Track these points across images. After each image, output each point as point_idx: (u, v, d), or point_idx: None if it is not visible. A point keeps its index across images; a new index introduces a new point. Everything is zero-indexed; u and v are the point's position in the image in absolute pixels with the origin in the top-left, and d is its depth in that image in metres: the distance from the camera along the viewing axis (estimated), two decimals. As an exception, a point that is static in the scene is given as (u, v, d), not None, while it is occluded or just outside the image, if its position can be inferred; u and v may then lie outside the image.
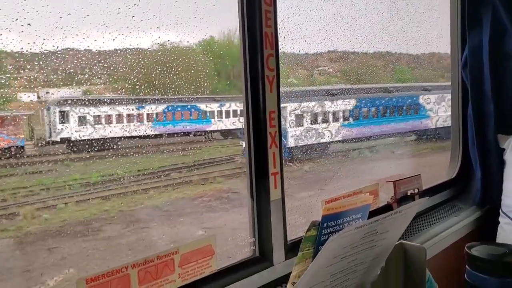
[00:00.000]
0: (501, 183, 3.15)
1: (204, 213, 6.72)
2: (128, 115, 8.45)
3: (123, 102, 7.95)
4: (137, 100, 8.22)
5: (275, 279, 1.94)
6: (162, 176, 7.24)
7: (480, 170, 3.35)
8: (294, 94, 10.78)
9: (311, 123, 11.66)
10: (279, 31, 1.97)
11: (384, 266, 1.71)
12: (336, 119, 12.74)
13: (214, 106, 10.81)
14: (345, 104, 13.02)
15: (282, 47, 2.02)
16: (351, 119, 13.20)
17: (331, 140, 12.34)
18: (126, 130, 8.22)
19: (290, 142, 11.24)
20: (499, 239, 3.02)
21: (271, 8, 1.92)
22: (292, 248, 2.02)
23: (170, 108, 9.76)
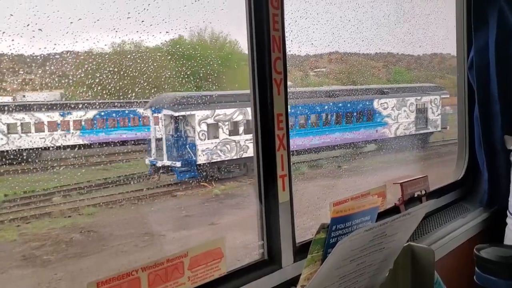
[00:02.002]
0: (508, 184, 3.13)
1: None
2: (50, 123, 7.79)
3: (49, 108, 7.56)
4: (68, 105, 7.86)
5: (284, 281, 1.95)
6: (35, 203, 6.70)
7: (487, 171, 3.34)
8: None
9: (229, 134, 10.28)
10: (286, 34, 1.98)
11: (393, 268, 1.72)
12: None
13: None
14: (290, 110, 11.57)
15: (290, 50, 2.03)
16: (297, 127, 11.86)
17: None
18: (47, 140, 7.65)
19: (201, 158, 9.83)
20: (506, 241, 3.01)
21: (278, 12, 1.92)
22: (300, 250, 2.02)
23: (103, 114, 9.01)
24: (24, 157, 7.33)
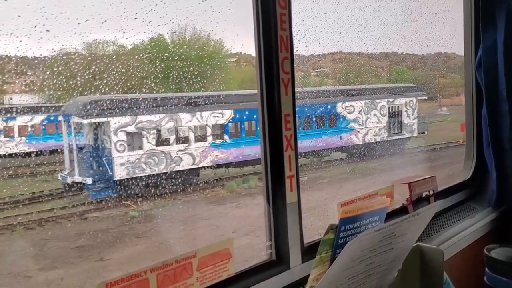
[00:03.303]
0: (517, 184, 3.12)
1: None
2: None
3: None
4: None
5: (292, 282, 1.94)
6: None
7: (495, 171, 3.32)
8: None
9: (157, 145, 9.00)
10: (293, 34, 1.97)
11: (401, 269, 1.71)
12: (201, 138, 9.79)
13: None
14: (216, 117, 9.96)
15: (297, 50, 2.02)
16: (226, 137, 10.39)
17: (194, 166, 9.47)
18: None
19: (119, 173, 8.49)
20: (515, 241, 2.99)
21: (285, 11, 1.92)
22: (308, 251, 2.02)
23: (52, 119, 8.11)
24: None
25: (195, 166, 9.57)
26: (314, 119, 11.98)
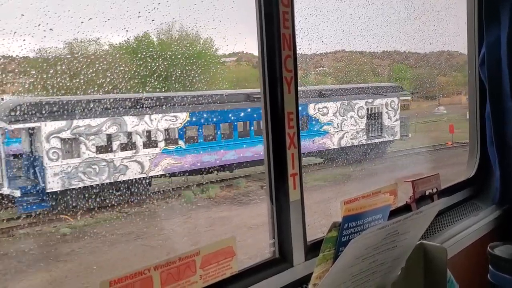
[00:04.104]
0: (521, 182, 3.11)
1: None
2: None
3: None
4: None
5: (295, 280, 1.94)
6: None
7: (499, 169, 3.31)
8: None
9: (98, 152, 8.11)
10: (296, 32, 1.97)
11: (405, 267, 1.71)
12: (151, 144, 8.93)
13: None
14: (168, 120, 9.05)
15: (300, 48, 2.02)
16: (181, 142, 9.45)
17: (143, 175, 8.59)
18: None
19: (52, 184, 7.54)
20: (519, 239, 2.99)
21: (288, 9, 1.92)
22: (311, 249, 2.02)
23: None
24: None
25: (144, 175, 8.70)
26: None
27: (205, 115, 9.64)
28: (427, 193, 2.80)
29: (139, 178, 8.59)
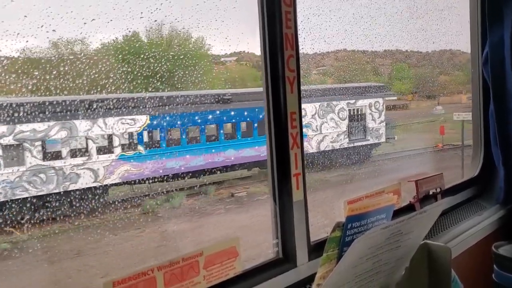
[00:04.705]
0: (525, 181, 3.10)
1: None
2: None
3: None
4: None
5: (299, 280, 1.94)
6: None
7: (503, 168, 3.30)
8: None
9: (45, 159, 7.42)
10: (299, 31, 1.97)
11: (409, 267, 1.70)
12: (105, 149, 8.23)
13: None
14: (125, 124, 8.26)
15: (302, 48, 2.02)
16: (141, 147, 8.74)
17: (98, 184, 7.88)
18: None
19: None
20: (524, 238, 2.98)
21: (291, 9, 1.92)
22: (315, 249, 2.02)
23: None
24: None
25: (99, 184, 8.02)
26: (255, 125, 10.35)
27: (168, 118, 8.94)
28: (430, 193, 2.79)
29: (94, 187, 7.95)
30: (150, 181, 8.52)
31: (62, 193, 7.49)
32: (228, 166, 9.90)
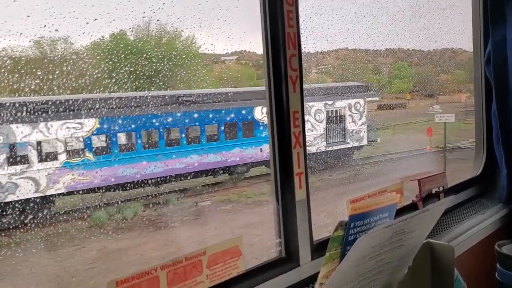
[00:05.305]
0: (528, 180, 3.10)
1: None
2: None
3: None
4: None
5: (302, 279, 1.94)
6: None
7: (505, 167, 3.30)
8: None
9: None
10: (301, 31, 1.97)
11: (411, 266, 1.70)
12: (48, 157, 7.37)
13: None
14: (70, 128, 7.36)
15: (305, 47, 2.02)
16: (89, 154, 7.85)
17: (40, 194, 7.05)
18: None
19: None
20: (527, 237, 2.97)
21: (293, 8, 1.92)
22: (318, 248, 2.02)
23: None
24: None
25: (41, 194, 7.20)
26: (222, 128, 9.64)
27: (120, 121, 7.98)
28: (433, 192, 2.79)
29: (36, 198, 7.12)
30: (102, 190, 7.74)
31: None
32: (191, 173, 9.12)
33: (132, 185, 7.98)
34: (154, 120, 8.63)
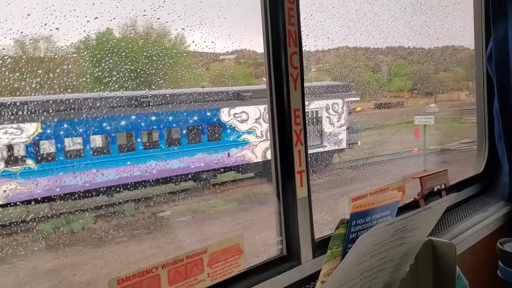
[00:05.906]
0: (530, 177, 3.09)
1: None
2: None
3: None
4: None
5: (303, 277, 1.94)
6: None
7: (507, 165, 3.29)
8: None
9: None
10: (302, 28, 1.96)
11: (413, 263, 1.70)
12: None
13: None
14: (10, 134, 6.49)
15: (306, 45, 2.01)
16: (30, 161, 7.03)
17: None
18: None
19: None
20: (528, 234, 2.96)
21: (294, 6, 1.91)
22: (319, 246, 2.02)
23: None
24: None
25: None
26: (184, 131, 8.99)
27: (66, 126, 7.14)
28: (435, 189, 2.78)
29: None
30: (46, 201, 6.91)
31: None
32: (149, 181, 8.35)
33: (79, 195, 7.24)
34: (105, 124, 7.85)
